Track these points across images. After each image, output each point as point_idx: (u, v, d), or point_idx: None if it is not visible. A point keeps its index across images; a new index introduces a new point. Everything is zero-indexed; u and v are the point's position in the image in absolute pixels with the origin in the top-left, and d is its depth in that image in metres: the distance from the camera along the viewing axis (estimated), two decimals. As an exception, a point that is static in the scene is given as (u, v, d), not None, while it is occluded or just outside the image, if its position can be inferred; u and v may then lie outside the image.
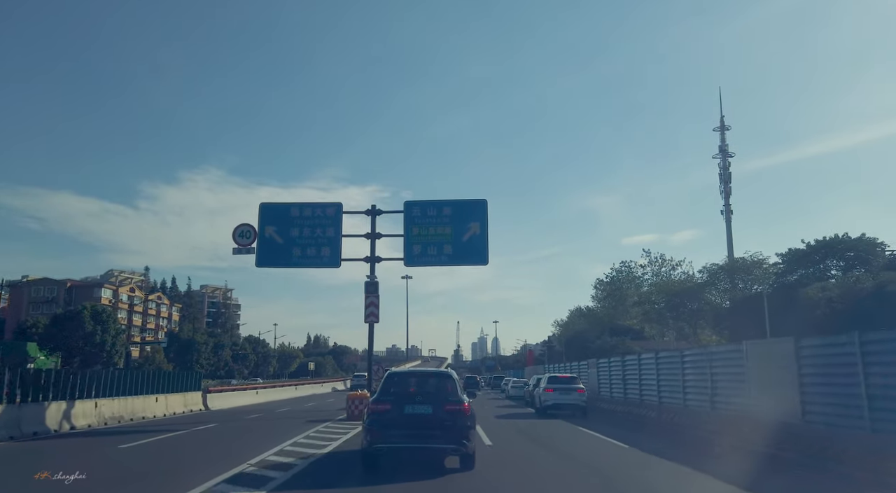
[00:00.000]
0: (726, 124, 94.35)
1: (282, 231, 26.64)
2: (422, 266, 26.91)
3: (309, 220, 26.77)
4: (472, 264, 26.91)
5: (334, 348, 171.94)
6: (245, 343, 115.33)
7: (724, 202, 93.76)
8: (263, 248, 26.48)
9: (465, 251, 26.42)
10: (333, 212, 26.95)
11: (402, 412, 11.10)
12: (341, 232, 26.89)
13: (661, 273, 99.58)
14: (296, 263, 26.60)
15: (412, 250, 26.58)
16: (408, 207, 26.95)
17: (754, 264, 55.23)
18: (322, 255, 26.54)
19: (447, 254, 26.39)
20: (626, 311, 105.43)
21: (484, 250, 26.42)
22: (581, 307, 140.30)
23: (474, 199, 27.07)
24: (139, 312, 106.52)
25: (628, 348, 73.96)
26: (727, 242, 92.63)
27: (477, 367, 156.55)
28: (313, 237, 26.63)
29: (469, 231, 26.49)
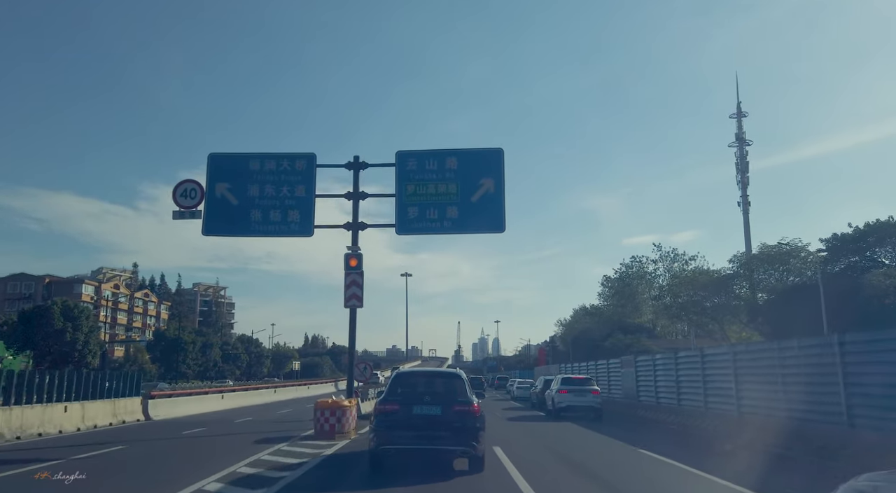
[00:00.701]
0: (743, 111, 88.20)
1: (237, 189, 20.27)
2: (419, 234, 20.54)
3: (273, 175, 20.40)
4: (485, 230, 20.49)
5: (332, 348, 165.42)
6: (237, 343, 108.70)
7: (742, 193, 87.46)
8: (213, 211, 20.12)
9: (474, 215, 20.06)
10: (304, 165, 20.57)
11: (411, 412, 10.73)
12: (314, 191, 20.54)
13: (673, 269, 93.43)
14: (255, 230, 20.22)
15: (406, 213, 20.24)
16: (401, 158, 20.59)
17: (792, 251, 48.69)
18: (290, 220, 20.18)
19: (451, 219, 20.03)
20: (637, 308, 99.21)
21: (499, 213, 20.05)
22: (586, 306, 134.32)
23: (487, 148, 20.67)
24: (124, 310, 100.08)
25: (644, 346, 67.86)
26: (745, 234, 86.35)
27: (478, 367, 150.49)
28: (278, 198, 20.27)
29: (480, 189, 20.14)
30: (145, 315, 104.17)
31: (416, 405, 10.81)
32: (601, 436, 18.19)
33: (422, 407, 10.78)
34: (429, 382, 11.95)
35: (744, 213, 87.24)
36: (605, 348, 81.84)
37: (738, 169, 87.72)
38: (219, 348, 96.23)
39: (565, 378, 26.94)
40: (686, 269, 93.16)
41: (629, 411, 27.13)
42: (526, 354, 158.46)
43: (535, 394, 33.86)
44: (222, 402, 29.77)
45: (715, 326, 56.31)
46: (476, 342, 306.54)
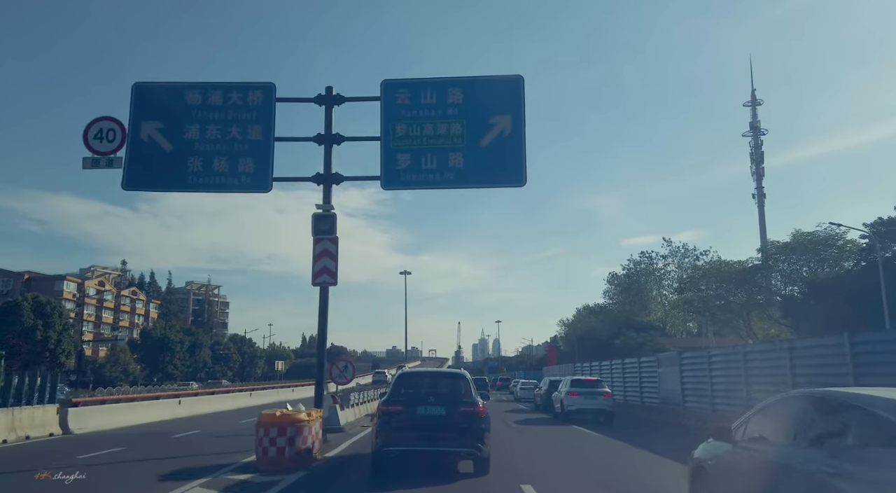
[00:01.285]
0: (758, 99, 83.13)
1: (171, 130, 15.14)
2: (411, 188, 15.35)
3: (219, 112, 15.26)
4: (500, 183, 15.36)
5: (330, 348, 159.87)
6: (229, 343, 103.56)
7: (756, 185, 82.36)
8: (138, 158, 14.96)
9: (485, 164, 14.96)
10: (261, 99, 15.44)
11: (415, 413, 10.40)
12: (273, 133, 15.40)
13: (683, 264, 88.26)
14: (194, 183, 15.06)
15: (395, 162, 15.14)
16: (389, 90, 15.49)
17: (828, 238, 43.45)
18: (240, 171, 15.05)
19: (455, 169, 14.93)
20: (646, 306, 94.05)
21: (518, 161, 14.95)
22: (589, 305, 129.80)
23: (501, 75, 15.53)
24: (111, 308, 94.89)
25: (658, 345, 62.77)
26: (760, 227, 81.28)
27: (479, 368, 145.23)
28: (225, 142, 15.15)
29: (493, 130, 15.05)
30: (133, 314, 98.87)
31: (421, 406, 10.50)
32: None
33: (426, 408, 10.49)
34: (433, 382, 11.54)
35: (759, 205, 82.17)
36: (614, 347, 77.06)
37: (752, 159, 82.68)
38: (209, 347, 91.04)
39: (575, 380, 25.51)
40: (697, 264, 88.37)
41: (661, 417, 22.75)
42: (528, 354, 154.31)
43: (539, 396, 32.94)
44: (178, 409, 24.62)
45: (740, 322, 51.02)
46: (476, 343, 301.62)
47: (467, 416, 10.36)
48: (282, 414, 10.79)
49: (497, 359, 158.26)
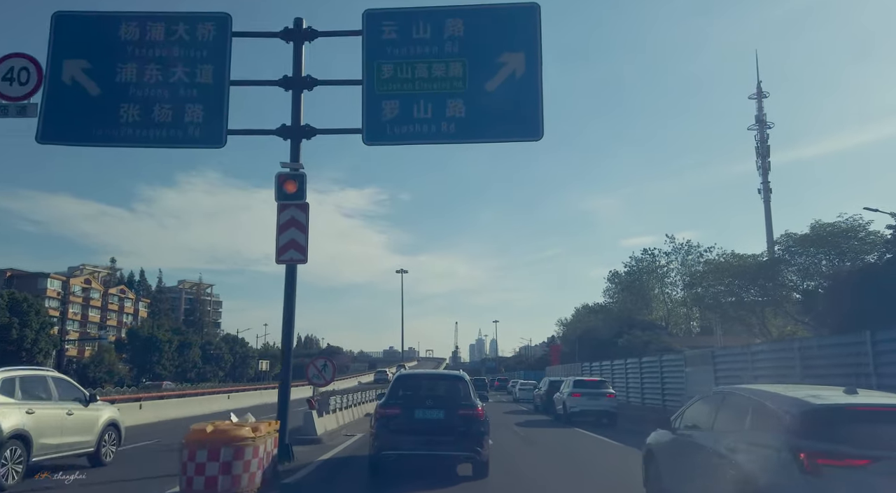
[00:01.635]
0: (764, 91, 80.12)
1: (101, 71, 12.05)
2: (400, 143, 12.30)
3: (160, 50, 12.19)
4: (511, 136, 12.34)
5: (326, 348, 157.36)
6: (221, 343, 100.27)
7: (763, 180, 79.36)
8: (58, 104, 11.87)
9: (492, 112, 11.95)
10: (212, 33, 12.36)
11: (413, 416, 10.18)
12: (228, 75, 12.33)
13: (687, 262, 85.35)
14: (128, 135, 11.97)
15: (380, 111, 12.08)
16: (372, 22, 12.38)
17: (849, 230, 40.40)
18: (187, 121, 11.96)
19: (456, 119, 11.89)
20: (647, 304, 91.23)
21: (533, 108, 11.92)
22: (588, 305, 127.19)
23: (512, 3, 12.46)
24: (97, 307, 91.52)
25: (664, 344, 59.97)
26: (766, 223, 78.29)
27: (477, 368, 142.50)
28: (169, 86, 12.06)
29: (502, 70, 12.03)
30: (121, 313, 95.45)
31: (419, 409, 10.29)
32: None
33: (424, 411, 10.27)
34: (431, 385, 11.41)
35: (765, 201, 79.15)
36: (617, 346, 74.29)
37: (757, 153, 79.58)
38: (199, 347, 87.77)
39: (578, 381, 24.86)
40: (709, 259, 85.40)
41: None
42: (525, 354, 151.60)
43: (539, 396, 32.20)
44: (140, 413, 21.47)
45: (752, 319, 47.96)
46: (473, 344, 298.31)
47: (466, 419, 10.10)
48: (214, 430, 7.69)
49: (494, 359, 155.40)
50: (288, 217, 11.84)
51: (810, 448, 4.96)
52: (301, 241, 11.82)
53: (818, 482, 4.82)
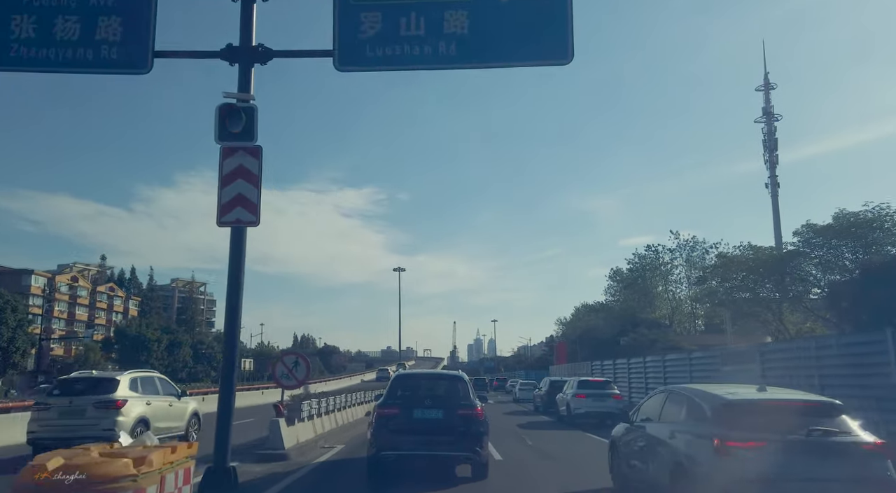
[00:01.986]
0: (771, 83, 77.12)
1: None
2: (384, 68, 9.24)
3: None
4: (531, 58, 9.30)
5: (323, 348, 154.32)
6: (213, 342, 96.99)
7: (770, 174, 76.36)
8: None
9: (504, 26, 8.92)
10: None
11: (412, 416, 10.02)
12: (156, -20, 9.28)
13: (692, 258, 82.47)
14: (24, 58, 8.93)
15: (358, 25, 9.10)
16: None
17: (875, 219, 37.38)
18: (99, 39, 8.89)
19: (457, 36, 8.84)
20: (651, 302, 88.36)
21: (560, 21, 8.90)
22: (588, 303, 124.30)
23: None
24: (85, 305, 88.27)
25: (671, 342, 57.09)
26: (773, 219, 75.32)
27: (475, 368, 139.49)
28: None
29: (516, -27, 8.95)
30: (110, 311, 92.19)
31: (417, 409, 10.13)
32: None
33: (423, 411, 10.11)
34: (430, 384, 11.25)
35: (772, 195, 76.12)
36: (619, 345, 71.78)
37: (765, 147, 76.58)
38: (189, 346, 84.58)
39: (582, 381, 23.94)
40: (708, 257, 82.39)
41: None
42: (524, 354, 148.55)
43: (539, 397, 31.60)
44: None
45: (768, 315, 44.90)
46: (472, 343, 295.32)
47: (465, 419, 10.05)
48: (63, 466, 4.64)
49: (493, 359, 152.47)
50: (234, 165, 8.85)
51: (721, 435, 6.54)
52: (252, 196, 8.83)
53: (728, 460, 6.41)
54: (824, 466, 6.22)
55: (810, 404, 7.04)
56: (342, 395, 21.26)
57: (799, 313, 43.07)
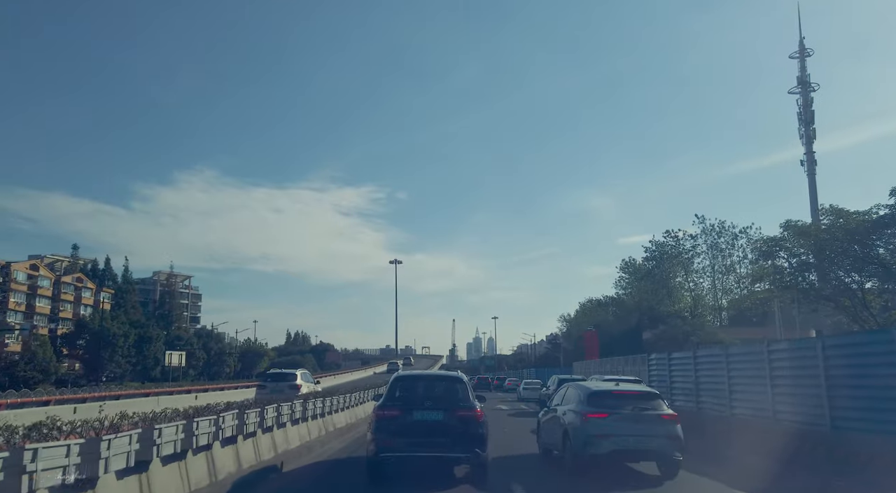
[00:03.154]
0: (807, 49, 67.80)
1: None
2: None
3: None
4: None
5: (316, 345, 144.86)
6: (193, 338, 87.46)
7: (806, 149, 66.75)
8: None
9: None
10: None
11: (411, 418, 9.96)
12: None
13: (718, 245, 72.90)
14: None
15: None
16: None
17: None
18: None
19: None
20: (670, 293, 78.78)
21: None
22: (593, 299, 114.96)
23: None
24: (47, 297, 78.45)
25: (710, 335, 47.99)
26: (810, 198, 65.76)
27: (475, 367, 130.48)
28: None
29: None
30: (78, 304, 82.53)
31: (417, 410, 10.07)
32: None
33: (423, 413, 10.05)
34: (429, 385, 11.21)
35: (809, 174, 66.54)
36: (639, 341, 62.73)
37: (800, 120, 67.12)
38: (164, 343, 74.94)
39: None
40: (736, 244, 72.78)
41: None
42: (525, 352, 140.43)
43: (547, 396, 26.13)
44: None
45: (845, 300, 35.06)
46: (471, 342, 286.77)
47: (465, 420, 10.00)
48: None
49: (494, 357, 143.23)
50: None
51: (585, 411, 11.10)
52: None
53: (588, 425, 10.89)
54: (640, 427, 10.90)
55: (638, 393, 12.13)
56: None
57: (888, 296, 33.60)
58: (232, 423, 9.95)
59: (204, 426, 8.87)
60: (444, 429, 9.75)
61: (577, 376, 31.73)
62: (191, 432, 8.45)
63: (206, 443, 9.01)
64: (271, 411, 12.05)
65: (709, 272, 72.58)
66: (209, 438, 9.06)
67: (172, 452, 7.93)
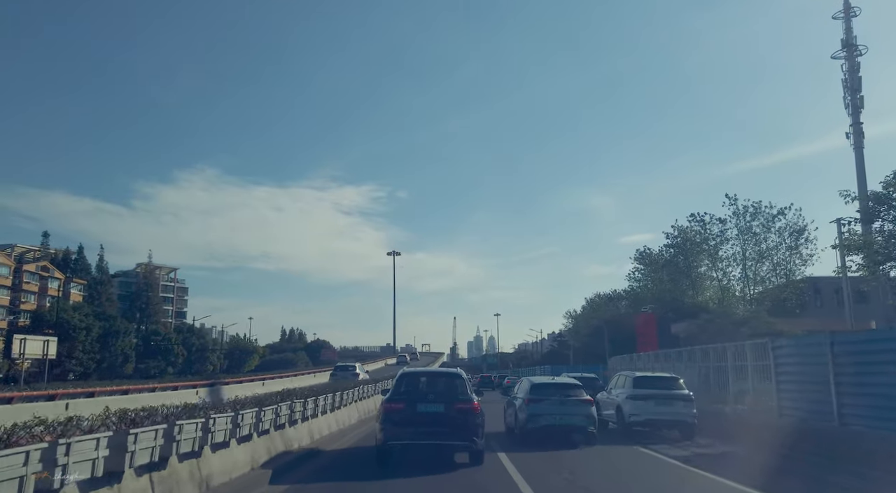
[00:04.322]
0: (853, 8, 59.08)
1: None
2: None
3: None
4: None
5: (312, 342, 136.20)
6: (171, 333, 78.73)
7: (853, 119, 57.91)
8: None
9: None
10: None
11: (415, 410, 10.80)
12: None
13: (752, 228, 63.90)
14: None
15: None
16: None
17: None
18: None
19: None
20: (694, 284, 69.82)
21: None
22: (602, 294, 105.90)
23: None
24: (6, 286, 69.65)
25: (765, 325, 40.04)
26: (857, 172, 57.18)
27: (478, 365, 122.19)
28: None
29: None
30: (43, 295, 73.77)
31: (421, 403, 10.86)
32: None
33: (426, 405, 10.83)
34: (431, 381, 12.09)
35: (855, 147, 57.63)
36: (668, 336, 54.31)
37: (845, 87, 58.36)
38: (139, 338, 66.17)
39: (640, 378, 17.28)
40: (772, 227, 63.97)
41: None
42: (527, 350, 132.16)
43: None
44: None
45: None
46: (471, 341, 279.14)
47: (464, 412, 10.79)
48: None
49: (496, 355, 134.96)
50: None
51: (529, 397, 15.02)
52: None
53: (529, 406, 14.70)
54: (565, 409, 14.61)
55: (565, 384, 15.88)
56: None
57: None
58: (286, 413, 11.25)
59: (269, 414, 10.24)
60: (445, 420, 10.65)
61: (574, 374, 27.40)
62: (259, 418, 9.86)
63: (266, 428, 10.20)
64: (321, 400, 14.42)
65: (739, 260, 63.38)
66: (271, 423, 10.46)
67: (248, 432, 9.31)
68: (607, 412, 17.48)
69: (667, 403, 15.91)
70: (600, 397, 18.27)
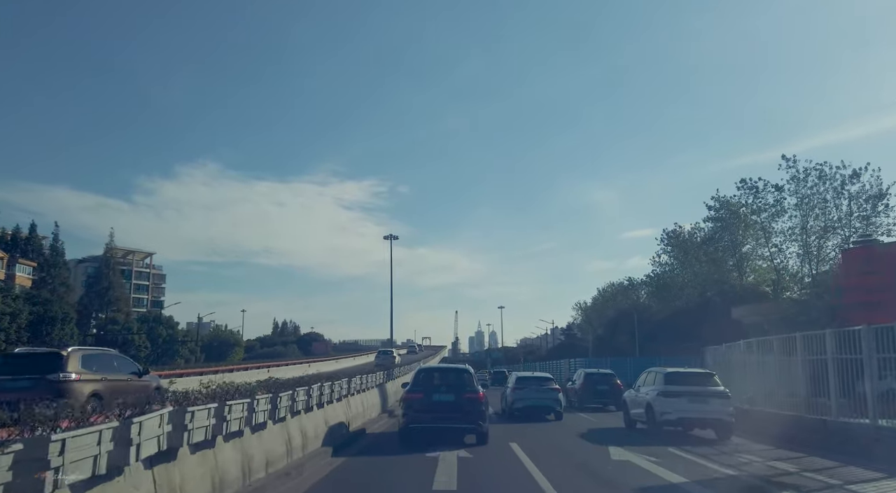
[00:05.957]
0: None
1: None
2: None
3: None
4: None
5: (304, 335, 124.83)
6: (134, 323, 66.80)
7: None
8: None
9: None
10: None
11: (431, 399, 13.08)
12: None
13: (817, 196, 51.50)
14: None
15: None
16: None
17: None
18: None
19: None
20: (740, 263, 57.55)
21: None
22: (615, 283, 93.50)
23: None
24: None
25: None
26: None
27: (481, 360, 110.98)
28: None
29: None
30: (-19, 278, 62.06)
31: (435, 393, 13.24)
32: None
33: (440, 395, 13.20)
34: (444, 375, 14.65)
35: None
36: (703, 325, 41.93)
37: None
38: (75, 324, 54.17)
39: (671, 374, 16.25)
40: (844, 192, 51.70)
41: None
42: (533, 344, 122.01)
43: (574, 391, 27.19)
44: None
45: None
46: (473, 336, 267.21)
47: (471, 401, 13.11)
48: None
49: (500, 350, 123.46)
50: None
51: (514, 386, 21.53)
52: None
53: (513, 393, 21.24)
54: (539, 394, 20.72)
55: (541, 376, 22.68)
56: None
57: None
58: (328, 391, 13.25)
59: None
60: (456, 407, 12.98)
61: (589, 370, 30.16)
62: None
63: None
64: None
65: (798, 233, 50.94)
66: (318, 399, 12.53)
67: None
68: (636, 411, 16.92)
69: (701, 400, 15.04)
70: (627, 395, 18.40)
